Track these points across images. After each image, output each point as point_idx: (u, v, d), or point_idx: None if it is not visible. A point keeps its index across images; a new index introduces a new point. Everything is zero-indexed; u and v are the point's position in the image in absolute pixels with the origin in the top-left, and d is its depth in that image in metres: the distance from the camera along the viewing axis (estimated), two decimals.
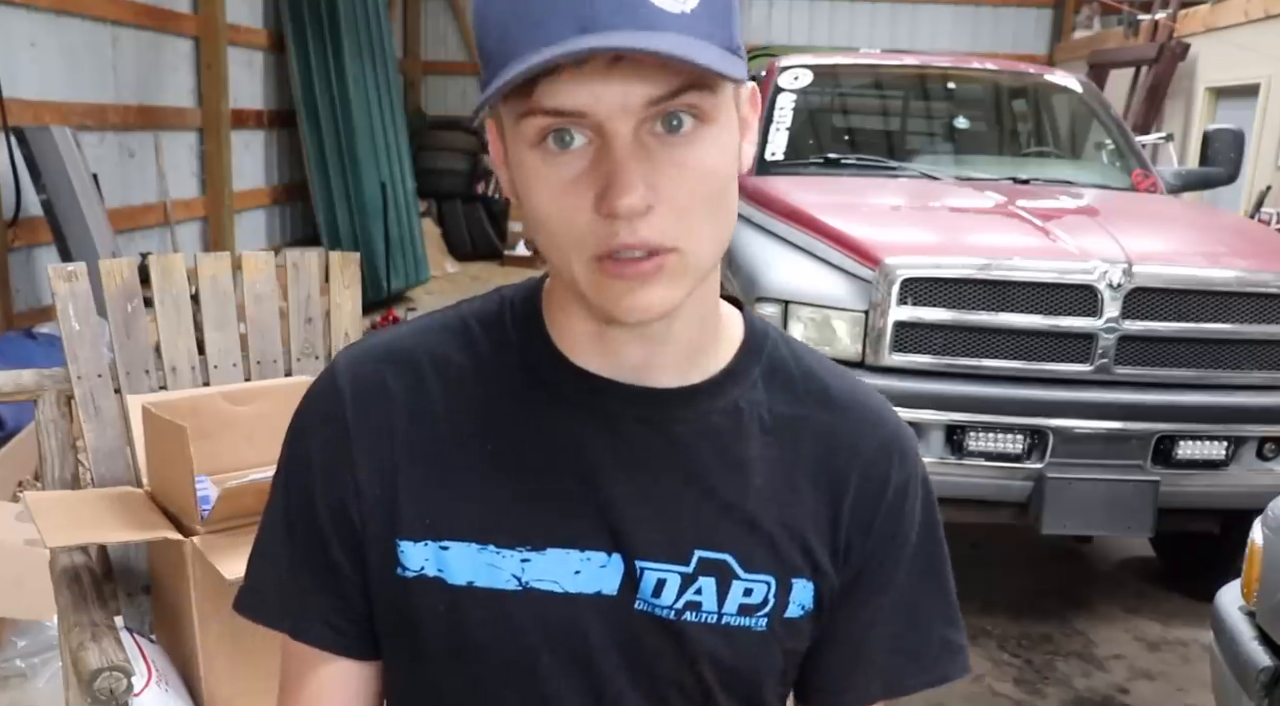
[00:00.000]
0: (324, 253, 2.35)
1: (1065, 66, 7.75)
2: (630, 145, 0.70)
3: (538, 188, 0.73)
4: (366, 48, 7.84)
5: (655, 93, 0.70)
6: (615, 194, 0.70)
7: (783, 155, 4.27)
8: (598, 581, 0.82)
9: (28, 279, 4.52)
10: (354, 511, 0.84)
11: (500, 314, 0.87)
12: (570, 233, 0.73)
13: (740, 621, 0.84)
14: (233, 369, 2.17)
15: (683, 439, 0.83)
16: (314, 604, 0.86)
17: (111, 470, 2.03)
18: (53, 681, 2.60)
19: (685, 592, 0.82)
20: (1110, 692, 3.04)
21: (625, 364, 0.82)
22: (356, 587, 0.86)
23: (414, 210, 8.62)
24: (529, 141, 0.72)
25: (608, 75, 0.69)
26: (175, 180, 5.95)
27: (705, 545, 0.83)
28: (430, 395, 0.84)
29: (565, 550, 0.81)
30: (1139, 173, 4.30)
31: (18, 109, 4.31)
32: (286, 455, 0.89)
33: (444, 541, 0.82)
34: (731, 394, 0.85)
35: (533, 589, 0.81)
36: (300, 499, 0.87)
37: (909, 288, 3.03)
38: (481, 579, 0.82)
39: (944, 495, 3.58)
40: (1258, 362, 3.10)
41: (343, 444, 0.84)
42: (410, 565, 0.83)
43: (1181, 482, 3.06)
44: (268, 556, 0.89)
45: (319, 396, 0.88)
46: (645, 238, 0.71)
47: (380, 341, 0.89)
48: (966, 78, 4.96)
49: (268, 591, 0.89)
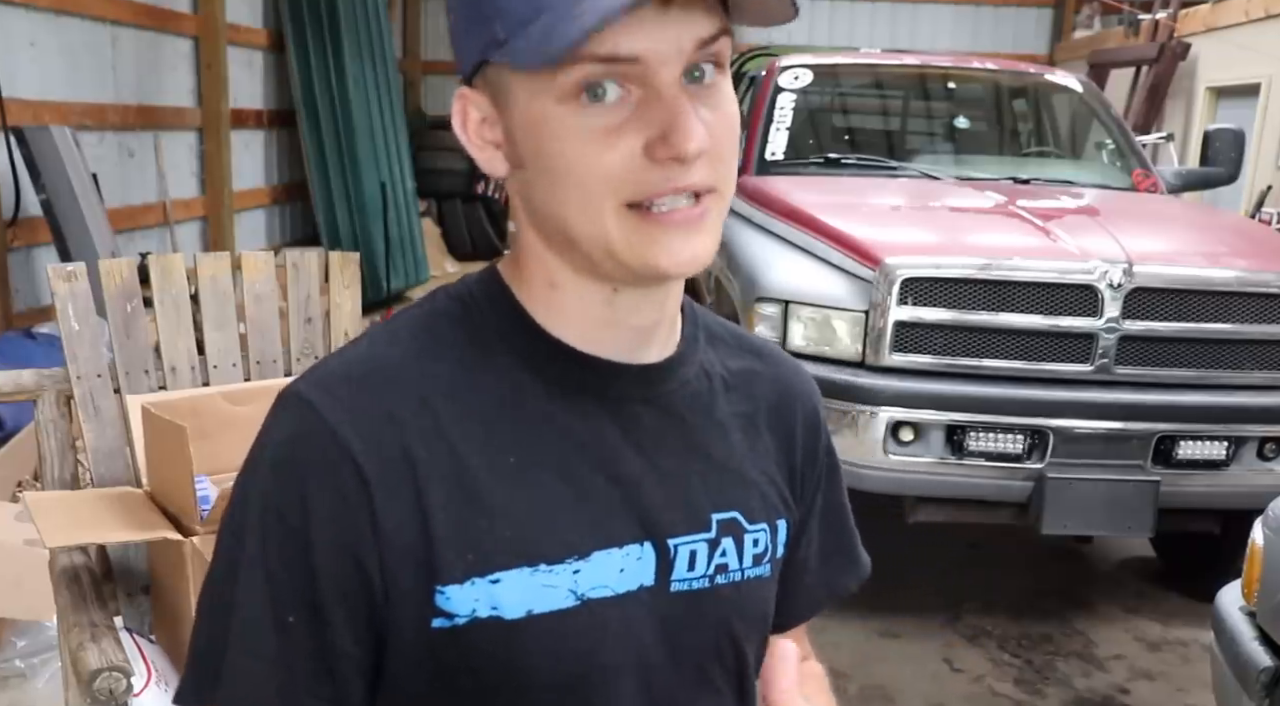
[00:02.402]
0: (324, 253, 2.35)
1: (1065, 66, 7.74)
2: (682, 91, 0.70)
3: (564, 139, 0.71)
4: (366, 48, 7.83)
5: (704, 33, 0.70)
6: (682, 137, 0.69)
7: (783, 155, 4.27)
8: (639, 574, 0.80)
9: (27, 279, 4.51)
10: (374, 571, 0.73)
11: (466, 313, 0.81)
12: (605, 179, 0.71)
13: (755, 572, 0.87)
14: (232, 369, 2.17)
15: (676, 410, 0.84)
16: (303, 700, 0.74)
17: (111, 470, 2.03)
18: (52, 681, 2.60)
19: (714, 557, 0.83)
20: (1110, 693, 3.04)
21: (623, 340, 0.80)
22: (356, 667, 0.75)
23: (414, 210, 8.62)
24: (563, 94, 0.70)
25: (660, 19, 0.68)
26: (175, 180, 5.94)
27: (718, 507, 0.84)
28: (436, 414, 0.76)
29: (607, 550, 0.79)
30: (1139, 172, 4.30)
31: (17, 109, 4.30)
32: (259, 528, 0.74)
33: (493, 574, 0.74)
34: (695, 359, 0.87)
35: (589, 599, 0.77)
36: (292, 572, 0.73)
37: (909, 287, 3.03)
38: (540, 604, 0.75)
39: (944, 495, 3.59)
40: (1258, 362, 3.10)
41: (356, 490, 0.72)
42: (459, 612, 0.74)
43: (1182, 482, 3.06)
44: (253, 654, 0.74)
45: (300, 441, 0.74)
46: (696, 180, 0.71)
47: (348, 363, 0.79)
48: (966, 77, 4.96)
49: (261, 696, 0.74)
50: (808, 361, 3.12)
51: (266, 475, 0.75)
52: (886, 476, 3.02)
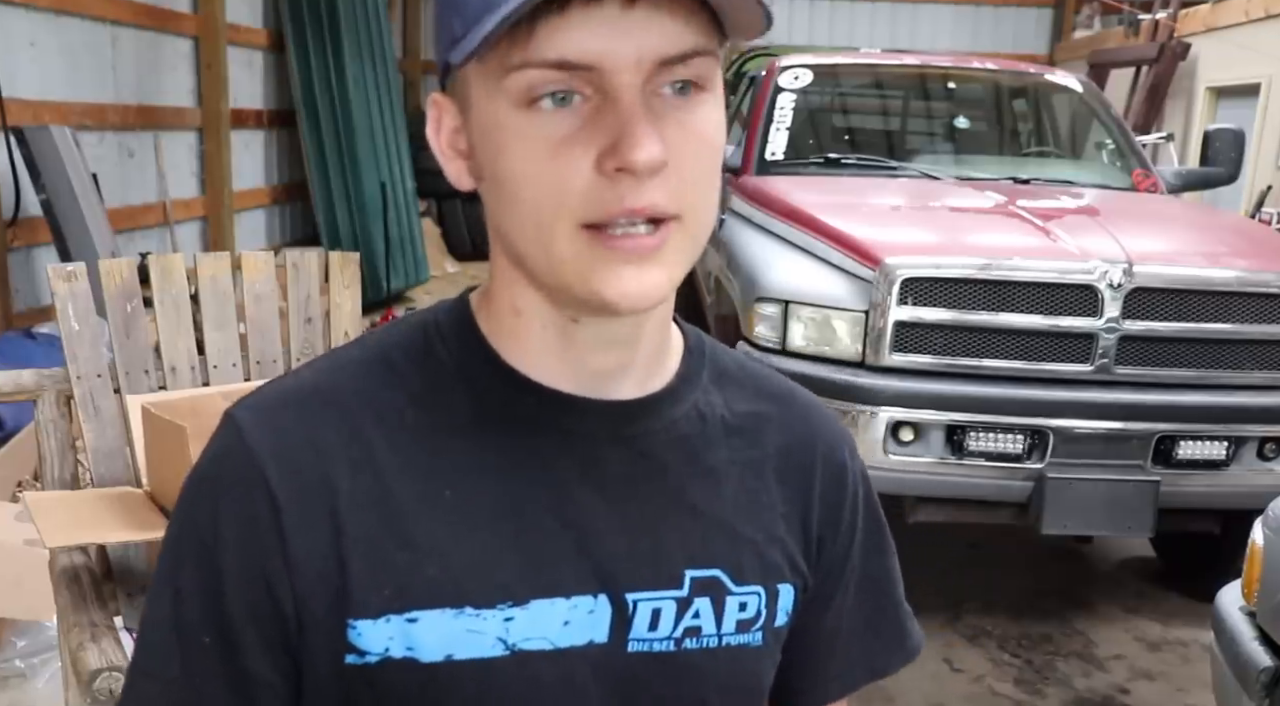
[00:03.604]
0: (324, 253, 2.35)
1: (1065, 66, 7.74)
2: (641, 97, 0.63)
3: (518, 149, 0.65)
4: (366, 48, 7.84)
5: (669, 50, 0.63)
6: (630, 146, 0.62)
7: (783, 155, 4.27)
8: (588, 630, 0.73)
9: (27, 279, 4.51)
10: (285, 597, 0.69)
11: (426, 341, 0.76)
12: (557, 196, 0.64)
13: (739, 639, 0.78)
14: (232, 369, 2.17)
15: (654, 452, 0.76)
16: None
17: (111, 470, 2.03)
18: (52, 681, 2.60)
19: (683, 618, 0.75)
20: (1110, 692, 3.04)
21: (589, 373, 0.74)
22: (273, 694, 0.71)
23: (414, 210, 8.62)
24: (516, 99, 0.64)
25: (620, 22, 0.62)
26: (175, 180, 5.95)
27: (695, 563, 0.76)
28: (369, 442, 0.71)
29: (550, 599, 0.72)
30: (1139, 172, 4.30)
31: (17, 109, 4.30)
32: (174, 546, 0.72)
33: (411, 612, 0.69)
34: (690, 398, 0.79)
35: (521, 651, 0.71)
36: (199, 597, 0.70)
37: (909, 287, 3.03)
38: (461, 650, 0.70)
39: (944, 495, 3.58)
40: (1258, 362, 3.10)
41: (266, 514, 0.69)
42: (371, 648, 0.69)
43: (1182, 482, 3.06)
44: (151, 674, 0.72)
45: (220, 462, 0.72)
46: (653, 201, 0.64)
47: (286, 387, 0.75)
48: (966, 78, 4.96)
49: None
50: (807, 361, 3.12)
51: (188, 492, 0.73)
52: (886, 476, 3.02)
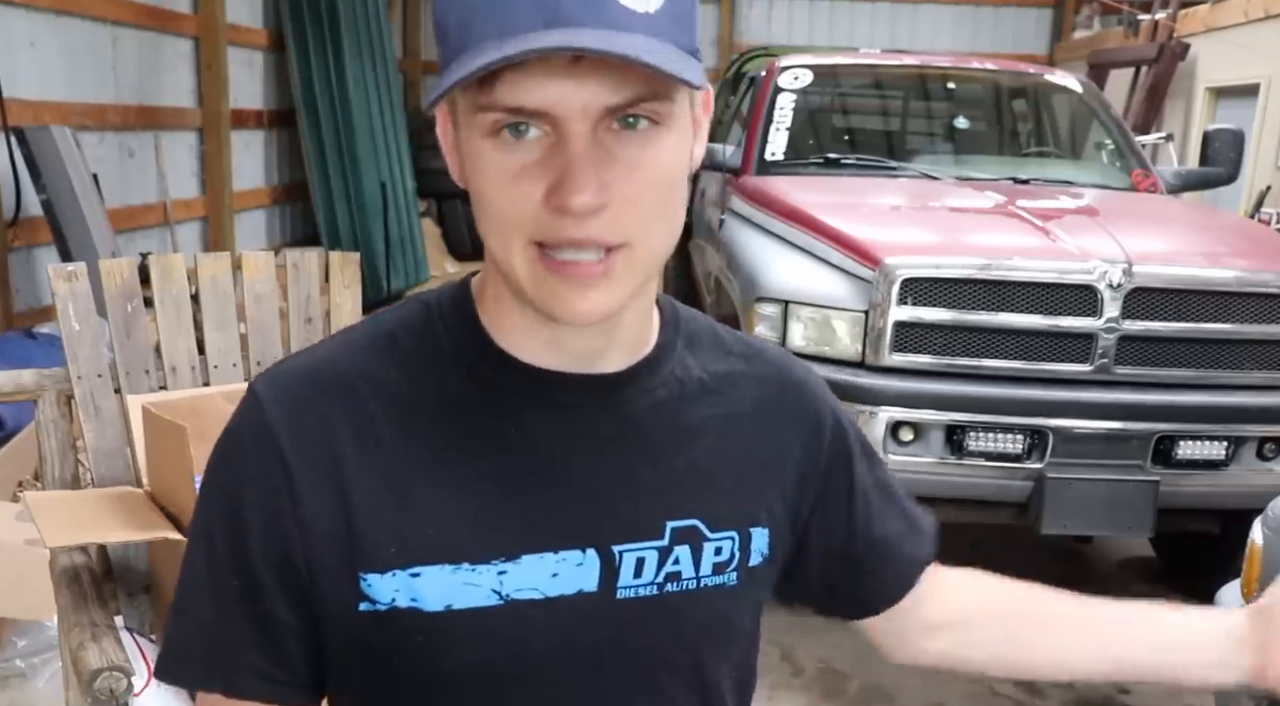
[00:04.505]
0: (324, 253, 2.35)
1: (1065, 66, 7.74)
2: (587, 143, 0.71)
3: (488, 173, 0.73)
4: (366, 48, 7.83)
5: (614, 100, 0.70)
6: (568, 191, 0.70)
7: (783, 155, 4.27)
8: (577, 580, 0.81)
9: (28, 279, 4.51)
10: (299, 552, 0.79)
11: (428, 322, 0.84)
12: (515, 218, 0.73)
13: (715, 580, 0.86)
14: (233, 369, 2.17)
15: (635, 417, 0.84)
16: (247, 658, 0.80)
17: (111, 470, 2.03)
18: (53, 681, 2.61)
19: (664, 565, 0.84)
20: (1110, 692, 3.04)
21: (571, 355, 0.82)
22: (295, 635, 0.81)
23: (414, 210, 8.62)
24: (484, 131, 0.72)
25: (569, 74, 0.69)
26: (175, 180, 5.95)
27: (674, 515, 0.85)
28: (373, 417, 0.80)
29: (539, 554, 0.80)
30: (1139, 173, 4.30)
31: (18, 109, 4.30)
32: (207, 501, 0.83)
33: (414, 568, 0.79)
34: (668, 365, 0.87)
35: (514, 600, 0.80)
36: (227, 548, 0.80)
37: (909, 287, 3.03)
38: (460, 600, 0.79)
39: (944, 495, 3.58)
40: (1258, 363, 3.10)
41: (281, 480, 0.79)
42: (380, 598, 0.79)
43: (1181, 482, 3.05)
44: (189, 612, 0.82)
45: (243, 431, 0.81)
46: (593, 234, 0.72)
47: (302, 365, 0.84)
48: (966, 78, 4.96)
49: (193, 650, 0.82)
50: (807, 361, 3.11)
51: (218, 454, 0.83)
52: None
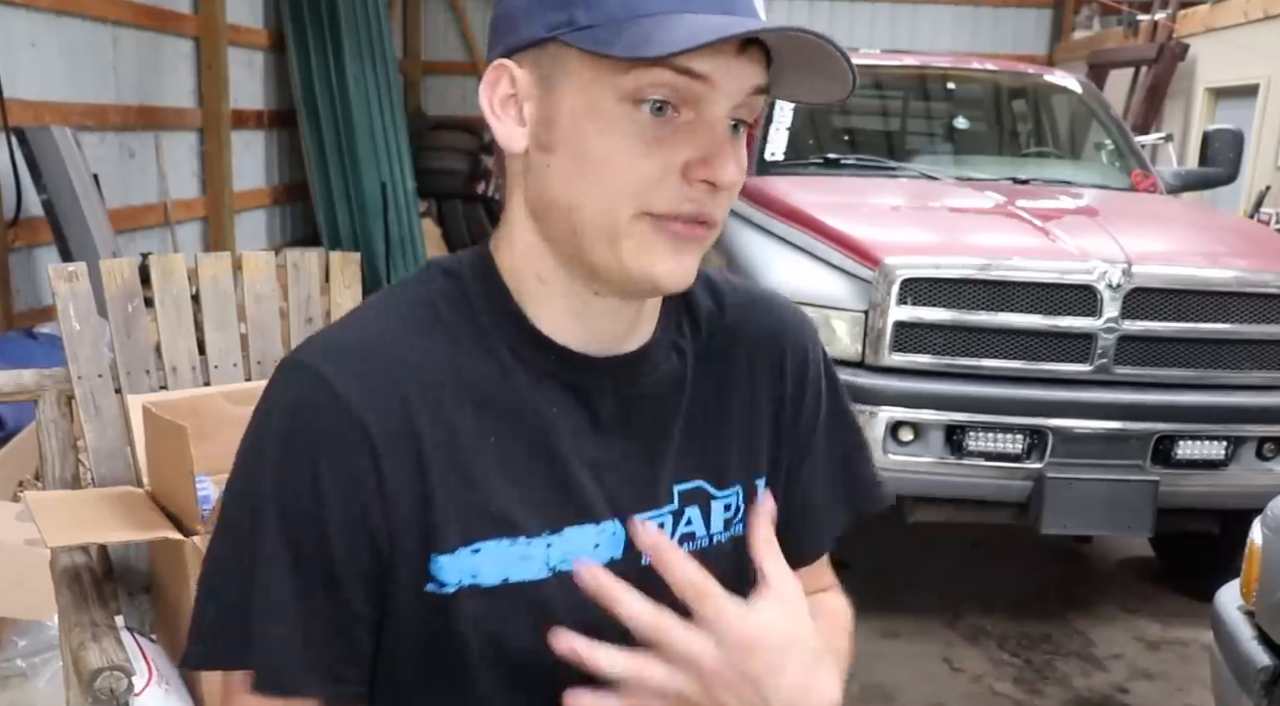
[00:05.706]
0: (324, 253, 2.35)
1: (1065, 66, 7.74)
2: (726, 126, 0.78)
3: (608, 135, 0.76)
4: (366, 48, 7.83)
5: (759, 81, 0.78)
6: (721, 165, 0.76)
7: (783, 155, 4.27)
8: (610, 549, 0.85)
9: (28, 279, 4.51)
10: (381, 537, 0.78)
11: (463, 296, 0.85)
12: (634, 182, 0.76)
13: (725, 535, 0.92)
14: (233, 369, 2.17)
15: (646, 392, 0.88)
16: (324, 656, 0.79)
17: (112, 470, 2.03)
18: (53, 681, 2.61)
19: (679, 528, 0.89)
20: (1110, 692, 3.04)
21: (600, 336, 0.86)
22: (368, 627, 0.80)
23: (414, 210, 8.61)
24: (625, 94, 0.75)
25: (734, 58, 0.76)
26: (175, 180, 5.94)
27: (680, 479, 0.89)
28: (436, 390, 0.80)
29: (580, 526, 0.84)
30: (1138, 173, 4.30)
31: (18, 109, 4.30)
32: (273, 485, 0.77)
33: (475, 544, 0.80)
34: (670, 339, 0.91)
35: (561, 571, 0.83)
36: (305, 534, 0.77)
37: (909, 288, 3.03)
38: (515, 573, 0.82)
39: (944, 495, 3.58)
40: (1257, 362, 3.10)
41: (368, 461, 0.77)
42: (448, 580, 0.80)
43: (1181, 482, 3.06)
44: (274, 614, 0.77)
45: (312, 413, 0.77)
46: (713, 211, 0.79)
47: (352, 339, 0.82)
48: (966, 78, 4.96)
49: (291, 657, 0.78)
50: None
51: (275, 447, 0.78)
52: (886, 476, 2.99)
